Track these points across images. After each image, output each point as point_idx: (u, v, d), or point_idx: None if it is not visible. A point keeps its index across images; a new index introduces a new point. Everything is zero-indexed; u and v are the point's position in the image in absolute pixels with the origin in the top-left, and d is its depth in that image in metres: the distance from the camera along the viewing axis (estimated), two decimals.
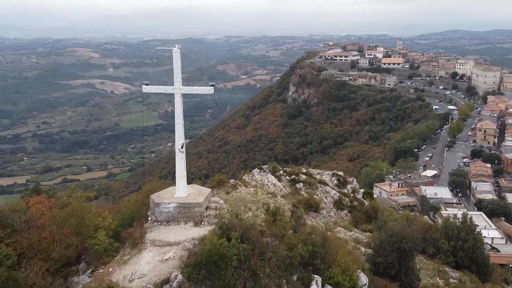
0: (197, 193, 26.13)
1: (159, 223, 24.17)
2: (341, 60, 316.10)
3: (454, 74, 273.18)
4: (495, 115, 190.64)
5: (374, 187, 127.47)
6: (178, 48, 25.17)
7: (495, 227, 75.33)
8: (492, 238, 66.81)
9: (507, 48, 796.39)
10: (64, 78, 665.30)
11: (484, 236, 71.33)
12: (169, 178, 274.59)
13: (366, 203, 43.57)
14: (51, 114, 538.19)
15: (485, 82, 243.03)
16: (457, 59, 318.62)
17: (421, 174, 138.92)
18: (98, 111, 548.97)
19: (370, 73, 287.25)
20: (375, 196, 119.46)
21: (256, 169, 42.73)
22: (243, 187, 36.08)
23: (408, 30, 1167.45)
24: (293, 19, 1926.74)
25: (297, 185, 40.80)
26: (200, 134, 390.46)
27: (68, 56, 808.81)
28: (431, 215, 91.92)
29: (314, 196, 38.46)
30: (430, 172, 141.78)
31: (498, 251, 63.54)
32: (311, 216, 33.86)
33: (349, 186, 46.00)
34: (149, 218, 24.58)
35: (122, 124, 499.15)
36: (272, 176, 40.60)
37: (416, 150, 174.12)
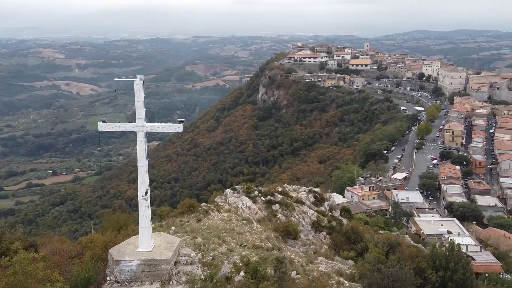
0: (164, 246, 22.30)
1: (119, 284, 20.66)
2: (310, 61, 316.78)
3: (421, 75, 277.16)
4: (462, 116, 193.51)
5: (346, 191, 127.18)
6: (140, 79, 21.34)
7: (468, 233, 75.35)
8: (467, 246, 66.43)
9: (470, 48, 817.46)
10: (28, 80, 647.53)
11: (459, 244, 71.45)
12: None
13: (345, 221, 42.06)
14: (14, 116, 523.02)
15: (451, 83, 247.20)
16: (424, 60, 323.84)
17: (392, 177, 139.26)
18: (64, 113, 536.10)
19: (338, 75, 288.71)
20: (347, 200, 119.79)
21: (229, 190, 40.38)
22: (216, 212, 33.82)
23: (374, 31, 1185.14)
24: (261, 19, 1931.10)
25: (273, 207, 38.78)
26: (169, 137, 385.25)
27: (32, 57, 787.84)
28: (404, 220, 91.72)
29: (292, 218, 36.58)
30: (400, 175, 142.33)
31: (473, 259, 63.07)
32: (289, 245, 31.94)
33: (326, 204, 44.42)
34: (108, 278, 21.04)
35: (88, 126, 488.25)
36: (247, 198, 38.44)
37: (385, 152, 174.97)
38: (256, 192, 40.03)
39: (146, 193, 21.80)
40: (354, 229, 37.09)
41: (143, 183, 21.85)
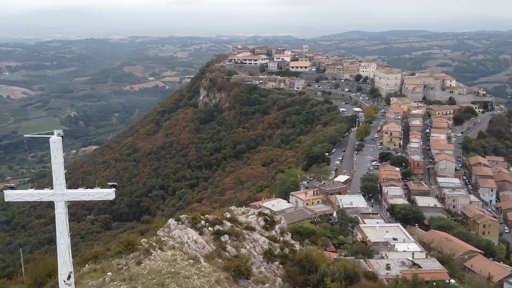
0: None
1: None
2: (251, 63, 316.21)
3: (358, 77, 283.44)
4: (399, 117, 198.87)
5: (290, 196, 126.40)
6: (59, 135, 17.47)
7: (413, 239, 76.23)
8: (413, 253, 66.98)
9: (402, 48, 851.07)
10: None
11: (404, 251, 71.98)
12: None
13: (297, 246, 40.26)
14: None
15: (387, 84, 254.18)
16: (360, 62, 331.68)
17: (334, 180, 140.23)
18: None
19: (279, 77, 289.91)
20: (291, 205, 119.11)
21: (172, 220, 37.19)
22: (159, 251, 30.74)
23: (311, 32, 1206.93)
24: (199, 19, 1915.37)
25: (222, 238, 36.13)
26: (107, 142, 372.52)
27: None
28: (349, 226, 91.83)
29: (242, 250, 34.12)
30: (342, 178, 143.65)
31: (420, 267, 63.60)
32: (241, 285, 29.57)
33: (277, 227, 42.44)
34: None
35: (20, 131, 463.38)
36: (193, 230, 35.53)
37: (327, 154, 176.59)
38: (203, 222, 37.14)
39: (68, 277, 17.93)
40: (308, 257, 35.33)
41: (64, 264, 17.83)
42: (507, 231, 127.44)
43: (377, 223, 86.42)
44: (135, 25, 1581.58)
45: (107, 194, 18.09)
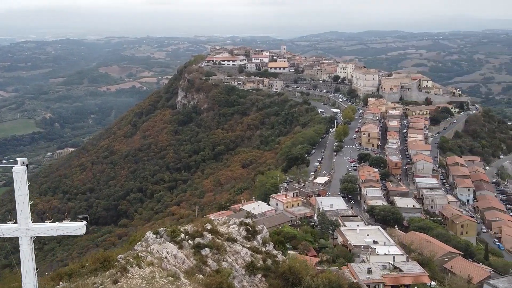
0: None
1: None
2: (229, 64, 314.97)
3: (336, 78, 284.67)
4: (377, 118, 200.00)
5: (271, 198, 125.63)
6: (23, 163, 15.83)
7: (394, 242, 76.26)
8: (394, 256, 66.88)
9: (379, 48, 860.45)
10: None
11: (385, 254, 71.84)
12: (49, 194, 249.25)
13: (280, 257, 39.41)
14: None
15: (364, 85, 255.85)
16: (338, 62, 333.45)
17: (314, 181, 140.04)
18: None
19: (257, 78, 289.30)
20: (272, 208, 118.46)
21: (151, 234, 35.78)
22: (136, 268, 29.44)
23: (288, 32, 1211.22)
24: (177, 20, 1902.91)
25: (203, 252, 34.92)
26: (84, 144, 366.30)
27: None
28: (330, 229, 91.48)
29: (224, 264, 33.01)
30: (322, 179, 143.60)
31: (401, 270, 63.51)
32: None
33: (259, 237, 41.47)
34: None
35: None
36: (172, 244, 34.26)
37: (306, 155, 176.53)
38: (182, 235, 35.88)
39: None
40: (291, 269, 34.52)
41: None
42: (485, 231, 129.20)
43: (358, 226, 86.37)
44: (111, 25, 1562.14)
45: (77, 228, 16.84)
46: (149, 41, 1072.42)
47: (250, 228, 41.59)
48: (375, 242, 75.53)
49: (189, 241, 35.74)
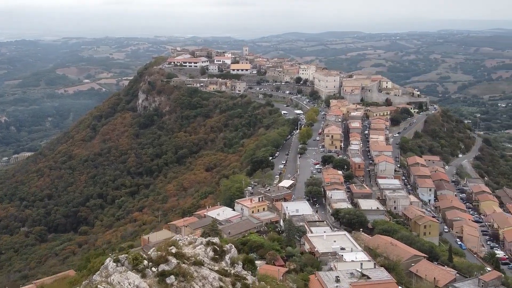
0: None
1: None
2: (191, 66, 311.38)
3: (298, 79, 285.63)
4: (340, 119, 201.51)
5: (236, 204, 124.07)
6: None
7: (360, 248, 76.20)
8: (361, 263, 66.66)
9: (338, 48, 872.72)
10: None
11: (353, 261, 71.59)
12: (5, 201, 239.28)
13: (249, 279, 38.03)
14: None
15: (326, 87, 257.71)
16: (299, 64, 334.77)
17: (279, 185, 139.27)
18: None
19: (220, 80, 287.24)
20: (237, 214, 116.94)
21: (110, 262, 33.30)
22: None
23: (250, 33, 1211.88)
24: (136, 20, 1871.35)
25: (168, 280, 32.99)
26: (41, 149, 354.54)
27: None
28: (297, 236, 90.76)
29: None
30: (286, 182, 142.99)
31: (369, 278, 63.28)
32: None
33: (227, 257, 39.96)
34: None
35: None
36: (134, 273, 32.18)
37: (270, 158, 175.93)
38: (145, 262, 33.80)
39: None
40: None
41: None
42: (447, 230, 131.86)
43: (324, 232, 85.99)
44: (68, 26, 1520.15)
45: None
46: (108, 42, 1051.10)
47: (218, 248, 40.01)
48: (342, 248, 75.25)
49: (153, 269, 33.80)
